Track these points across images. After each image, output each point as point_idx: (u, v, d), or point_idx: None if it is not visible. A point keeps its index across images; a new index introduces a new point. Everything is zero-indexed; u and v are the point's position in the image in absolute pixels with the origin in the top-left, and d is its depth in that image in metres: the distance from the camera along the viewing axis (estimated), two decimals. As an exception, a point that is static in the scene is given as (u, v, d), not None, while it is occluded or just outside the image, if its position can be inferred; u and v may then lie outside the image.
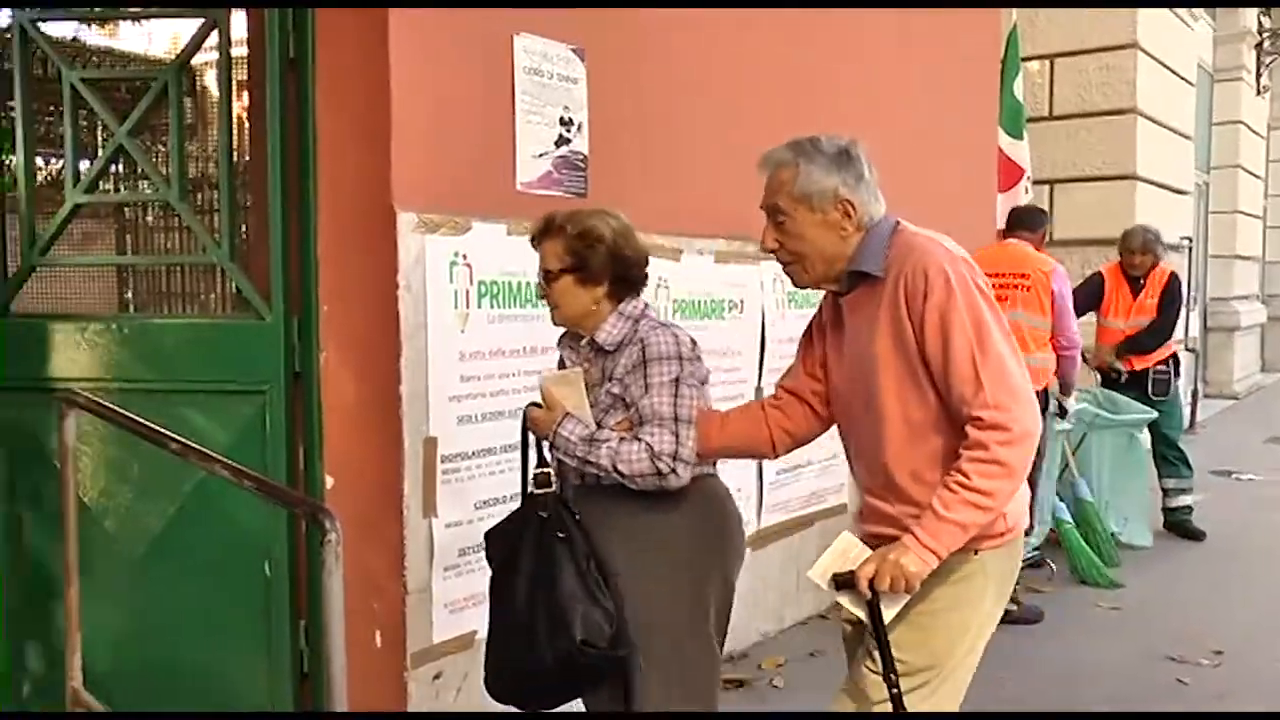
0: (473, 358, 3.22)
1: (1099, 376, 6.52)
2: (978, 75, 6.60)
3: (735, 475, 4.30)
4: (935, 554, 2.12)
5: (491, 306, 3.28)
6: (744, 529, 2.75)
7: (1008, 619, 5.00)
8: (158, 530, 3.19)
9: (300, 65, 3.06)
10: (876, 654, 2.20)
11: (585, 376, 2.57)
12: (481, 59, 3.29)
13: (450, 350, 3.13)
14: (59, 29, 3.67)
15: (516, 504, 2.62)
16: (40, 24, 3.26)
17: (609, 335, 2.56)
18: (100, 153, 3.38)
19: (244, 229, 3.32)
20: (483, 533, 2.64)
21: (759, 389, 4.47)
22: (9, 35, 3.32)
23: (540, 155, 3.46)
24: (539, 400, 2.58)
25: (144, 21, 4.44)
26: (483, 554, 2.63)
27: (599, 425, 2.53)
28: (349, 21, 3.05)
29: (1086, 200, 9.13)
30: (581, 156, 3.61)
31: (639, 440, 2.45)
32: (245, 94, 3.28)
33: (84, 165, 3.33)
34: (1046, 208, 8.76)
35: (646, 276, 2.64)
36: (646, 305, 2.62)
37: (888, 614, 2.16)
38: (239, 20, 3.21)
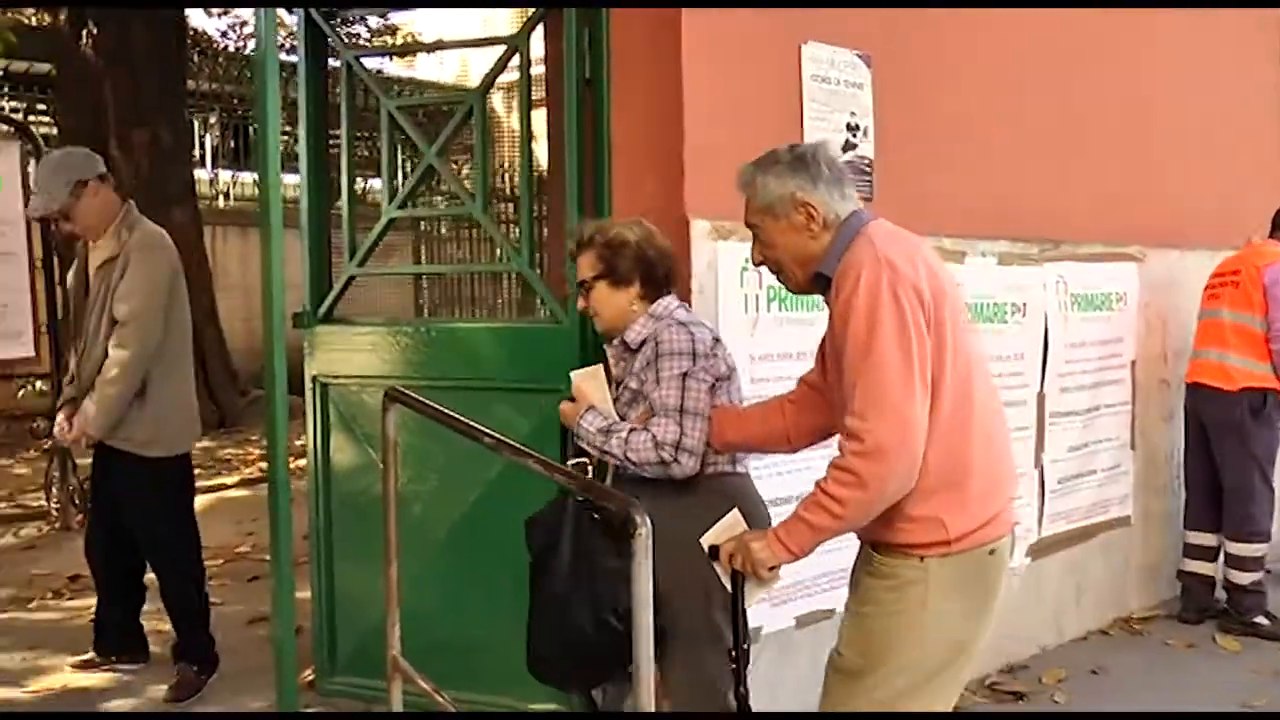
0: (762, 360, 3.28)
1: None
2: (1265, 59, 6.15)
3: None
4: (785, 547, 2.22)
5: (780, 310, 3.32)
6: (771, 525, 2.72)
7: (1259, 632, 4.73)
8: (460, 517, 3.41)
9: (596, 84, 3.20)
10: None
11: (616, 372, 2.77)
12: (770, 69, 3.34)
13: (740, 353, 3.19)
14: (371, 63, 3.98)
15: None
16: (363, 59, 3.54)
17: (635, 334, 2.74)
18: (401, 172, 3.66)
19: (541, 238, 3.49)
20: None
21: (1041, 395, 4.32)
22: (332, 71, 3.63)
23: (826, 161, 3.47)
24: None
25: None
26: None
27: (622, 418, 2.70)
28: (642, 41, 3.17)
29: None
30: (867, 161, 3.61)
31: (647, 430, 2.60)
32: (544, 113, 3.46)
33: (377, 183, 3.60)
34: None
35: (672, 273, 2.79)
36: (679, 305, 2.77)
37: (752, 594, 2.33)
38: (536, 39, 3.40)
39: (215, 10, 13.66)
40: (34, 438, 8.20)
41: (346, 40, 3.61)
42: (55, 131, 10.91)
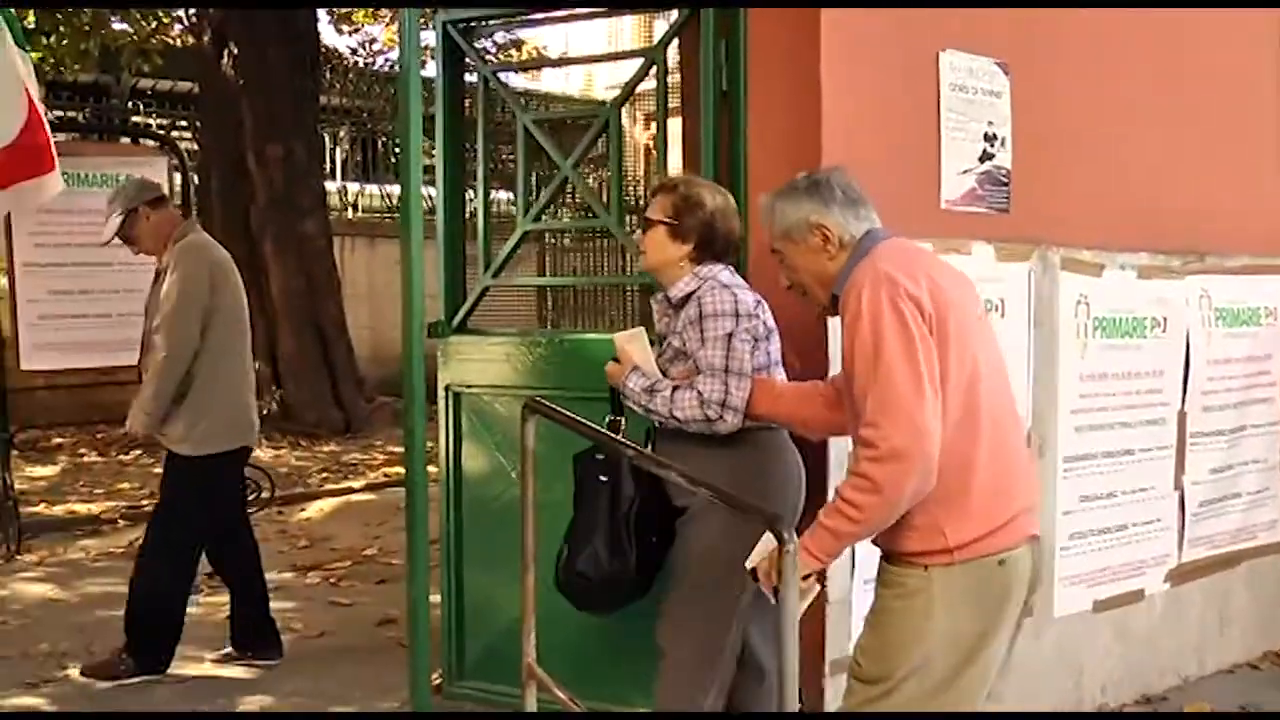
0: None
1: None
2: None
3: (1153, 506, 4.07)
4: (809, 553, 2.23)
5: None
6: (802, 481, 2.94)
7: None
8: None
9: (733, 97, 3.20)
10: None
11: (663, 330, 2.94)
12: (908, 80, 3.30)
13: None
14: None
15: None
16: (500, 75, 3.61)
17: (679, 290, 2.87)
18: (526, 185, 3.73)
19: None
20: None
21: (1182, 414, 4.17)
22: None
23: (964, 172, 3.42)
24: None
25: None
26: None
27: (665, 374, 2.86)
28: (780, 52, 3.16)
29: None
30: (1005, 171, 3.54)
31: (692, 388, 2.75)
32: (675, 123, 3.47)
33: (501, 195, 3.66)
34: None
35: (732, 253, 2.94)
36: (724, 268, 2.88)
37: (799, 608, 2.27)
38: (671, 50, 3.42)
39: (346, 28, 14.09)
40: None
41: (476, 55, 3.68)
42: (195, 147, 11.39)
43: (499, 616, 3.59)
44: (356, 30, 14.38)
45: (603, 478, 2.84)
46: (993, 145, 3.49)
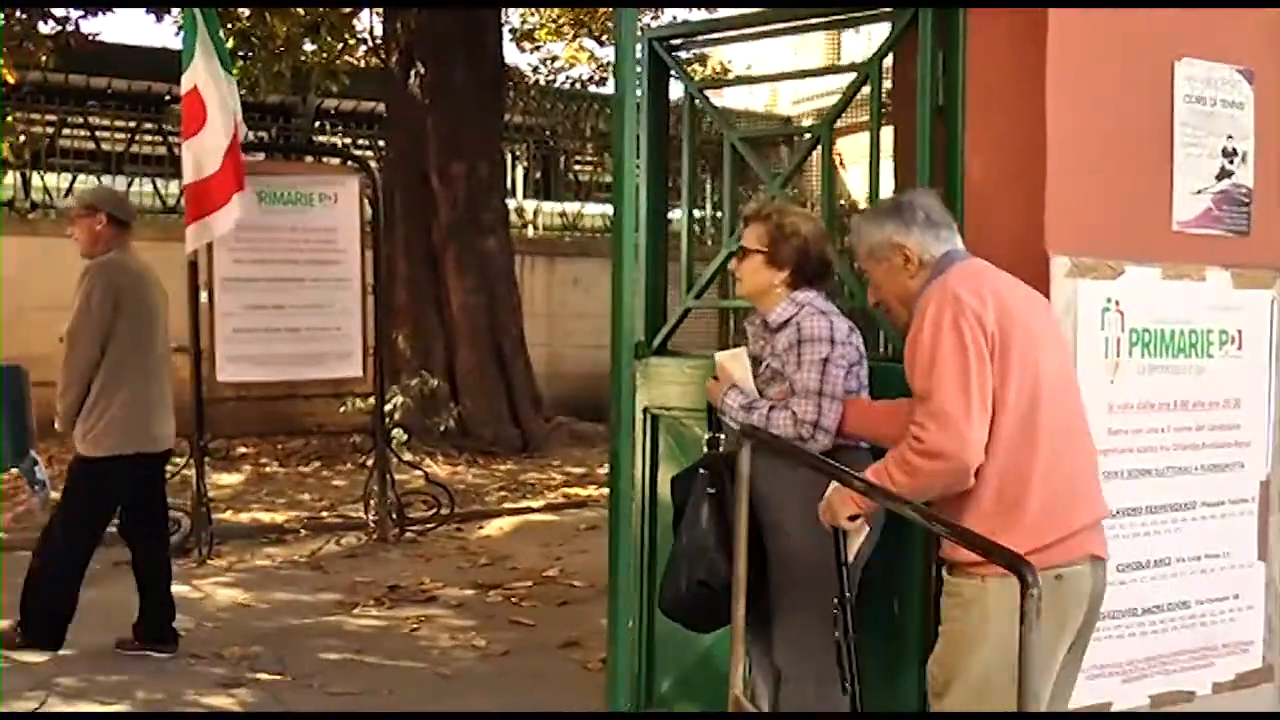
0: (1121, 410, 3.12)
1: None
2: None
3: None
4: (851, 498, 2.63)
5: (1142, 356, 3.16)
6: None
7: None
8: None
9: (950, 112, 3.17)
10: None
11: (758, 352, 3.16)
12: (1139, 91, 3.19)
13: (1099, 401, 3.06)
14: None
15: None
16: (707, 92, 3.67)
17: (777, 316, 3.11)
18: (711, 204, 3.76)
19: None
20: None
21: None
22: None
23: (1199, 191, 3.28)
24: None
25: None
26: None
27: (761, 395, 3.10)
28: (1001, 61, 3.11)
29: None
30: (1245, 190, 3.38)
31: (787, 409, 3.00)
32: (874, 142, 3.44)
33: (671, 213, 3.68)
34: None
35: (828, 278, 3.19)
36: (818, 294, 3.12)
37: (850, 545, 2.76)
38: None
39: (528, 45, 14.50)
40: (353, 452, 8.90)
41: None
42: (378, 165, 11.89)
43: (692, 644, 3.61)
44: (538, 48, 14.79)
45: (711, 489, 3.10)
46: (1232, 161, 3.34)
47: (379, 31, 11.82)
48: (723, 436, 3.20)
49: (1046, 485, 2.44)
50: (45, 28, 10.31)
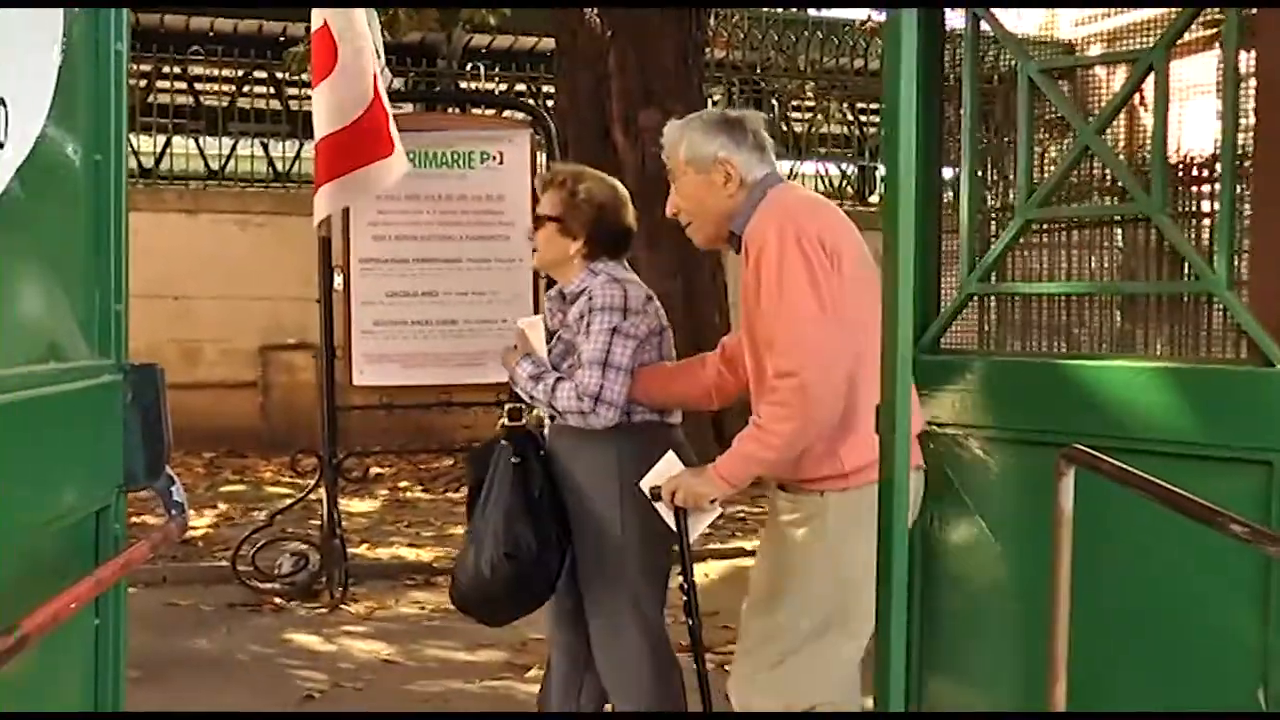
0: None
1: None
2: None
3: None
4: (723, 479, 3.32)
5: None
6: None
7: None
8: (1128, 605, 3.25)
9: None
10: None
11: (551, 323, 3.80)
12: None
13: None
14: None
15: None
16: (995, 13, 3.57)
17: (573, 287, 3.73)
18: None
19: (1240, 246, 3.31)
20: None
21: None
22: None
23: None
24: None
25: None
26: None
27: (556, 367, 3.70)
28: None
29: None
30: None
31: (571, 380, 3.59)
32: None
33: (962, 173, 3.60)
34: None
35: (627, 246, 3.81)
36: (618, 265, 3.76)
37: (695, 527, 3.46)
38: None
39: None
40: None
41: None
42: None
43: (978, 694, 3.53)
44: (744, -37, 14.80)
45: (515, 459, 3.67)
46: None
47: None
48: (523, 407, 3.83)
49: (874, 400, 2.78)
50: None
